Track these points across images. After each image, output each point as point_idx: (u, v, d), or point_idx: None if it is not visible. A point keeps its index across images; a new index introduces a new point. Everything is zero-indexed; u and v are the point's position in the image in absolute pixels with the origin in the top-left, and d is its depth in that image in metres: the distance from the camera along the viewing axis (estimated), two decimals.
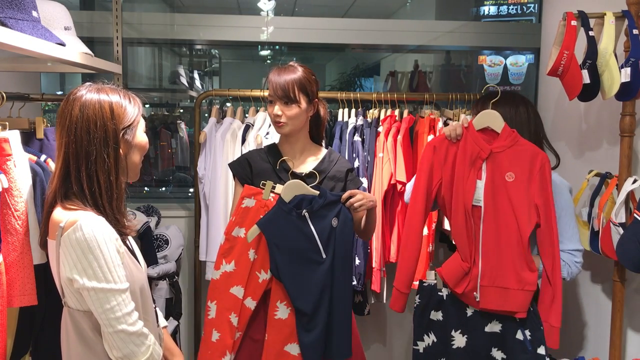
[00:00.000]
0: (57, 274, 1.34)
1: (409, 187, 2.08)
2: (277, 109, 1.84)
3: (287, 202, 1.77)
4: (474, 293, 1.85)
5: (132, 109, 1.41)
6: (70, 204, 1.33)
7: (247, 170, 1.91)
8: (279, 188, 1.83)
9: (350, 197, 1.79)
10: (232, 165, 1.97)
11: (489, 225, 1.84)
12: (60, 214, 1.32)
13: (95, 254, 1.27)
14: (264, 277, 1.83)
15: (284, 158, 1.89)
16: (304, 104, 1.85)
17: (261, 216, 1.82)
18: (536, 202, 1.81)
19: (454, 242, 1.95)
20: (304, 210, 1.77)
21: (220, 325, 1.84)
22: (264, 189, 1.84)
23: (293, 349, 1.80)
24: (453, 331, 1.92)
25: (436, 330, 1.95)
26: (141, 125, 1.45)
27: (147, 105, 3.83)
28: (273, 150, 1.95)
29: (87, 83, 1.42)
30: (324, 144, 2.04)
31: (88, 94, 1.36)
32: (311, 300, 1.77)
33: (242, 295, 1.83)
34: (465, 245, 1.86)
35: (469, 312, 1.90)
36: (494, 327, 1.89)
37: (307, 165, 1.92)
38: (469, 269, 1.86)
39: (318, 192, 1.79)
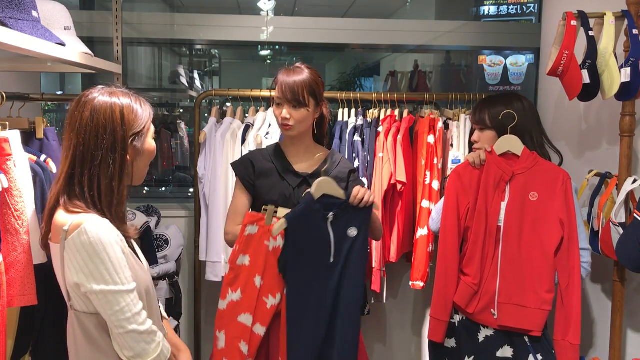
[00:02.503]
0: (62, 277, 1.33)
1: (434, 214, 2.10)
2: (285, 112, 1.82)
3: (316, 201, 1.76)
4: (492, 310, 1.89)
5: (143, 115, 1.39)
6: (73, 206, 1.32)
7: (249, 170, 1.90)
8: (281, 212, 1.82)
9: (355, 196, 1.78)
10: (234, 165, 1.96)
11: (509, 244, 1.89)
12: (63, 217, 1.31)
13: (102, 257, 1.26)
14: (272, 302, 1.82)
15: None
16: (312, 107, 1.85)
17: (266, 242, 1.81)
18: (560, 217, 1.86)
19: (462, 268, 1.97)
20: (331, 214, 1.77)
21: (230, 354, 1.83)
22: (265, 214, 1.83)
23: None
24: (466, 357, 1.94)
25: (450, 357, 1.99)
26: (151, 132, 1.44)
27: None
28: (277, 151, 1.94)
29: (100, 86, 1.40)
30: (326, 144, 2.05)
31: (100, 97, 1.35)
32: (311, 305, 1.77)
33: (250, 322, 1.82)
34: (477, 264, 1.90)
35: (481, 337, 1.93)
36: (505, 352, 1.91)
37: (310, 166, 1.92)
38: (478, 287, 1.90)
39: (344, 198, 1.78)
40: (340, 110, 2.60)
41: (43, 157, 1.74)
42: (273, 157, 1.92)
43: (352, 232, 1.79)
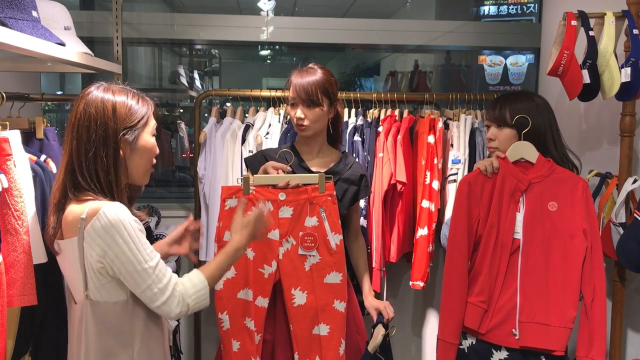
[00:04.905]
0: (79, 268, 1.35)
1: (444, 227, 2.03)
2: (299, 112, 1.84)
3: (373, 354, 1.82)
4: (513, 330, 1.75)
5: (139, 110, 1.40)
6: (84, 195, 1.35)
7: (262, 164, 1.91)
8: (256, 179, 1.82)
9: (381, 315, 1.94)
10: (248, 160, 1.99)
11: (530, 258, 1.76)
12: (77, 208, 1.33)
13: (124, 238, 1.30)
14: (269, 271, 1.83)
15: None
16: (326, 106, 1.87)
17: (248, 212, 1.81)
18: (584, 227, 1.74)
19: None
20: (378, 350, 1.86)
21: (237, 333, 1.83)
22: (242, 184, 1.83)
23: (322, 329, 1.82)
24: None
25: None
26: (149, 128, 1.44)
27: None
28: (291, 150, 1.96)
29: (100, 82, 1.43)
30: (340, 145, 2.08)
31: (95, 91, 1.38)
32: None
33: (251, 297, 1.83)
34: (484, 280, 1.77)
35: None
36: None
37: (323, 166, 1.95)
38: (488, 304, 1.78)
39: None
40: None
41: (43, 157, 1.74)
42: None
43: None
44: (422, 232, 2.42)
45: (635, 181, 2.00)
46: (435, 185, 2.42)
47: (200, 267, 1.47)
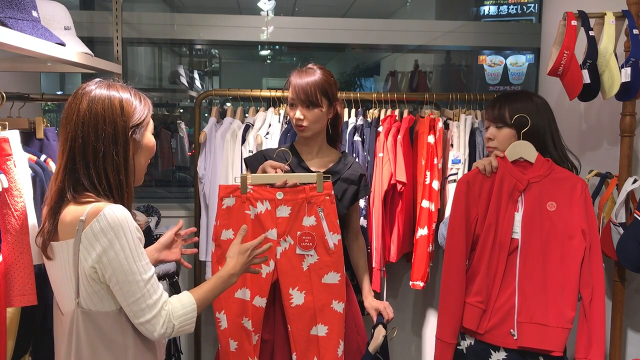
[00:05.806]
0: (72, 274, 1.29)
1: (442, 226, 2.03)
2: (298, 113, 1.84)
3: (372, 354, 1.83)
4: (511, 330, 1.75)
5: (142, 109, 1.37)
6: (83, 197, 1.29)
7: (262, 163, 1.91)
8: (254, 178, 1.82)
9: (381, 316, 1.96)
10: (248, 160, 1.99)
11: (528, 258, 1.75)
12: (75, 210, 1.28)
13: (122, 243, 1.25)
14: (266, 270, 1.82)
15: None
16: (325, 107, 1.87)
17: (246, 211, 1.80)
18: (582, 227, 1.73)
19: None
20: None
21: (235, 333, 1.83)
22: (239, 184, 1.82)
23: (320, 330, 1.81)
24: None
25: None
26: (150, 126, 1.42)
27: None
28: (291, 150, 1.97)
29: (97, 79, 1.38)
30: (340, 145, 2.08)
31: (98, 89, 1.33)
32: None
33: (249, 296, 1.82)
34: (482, 280, 1.77)
35: None
36: None
37: (323, 165, 1.94)
38: (486, 305, 1.78)
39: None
40: None
41: (43, 157, 1.74)
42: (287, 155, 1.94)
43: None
44: (422, 232, 2.42)
45: (635, 181, 2.00)
46: (435, 185, 2.42)
47: (191, 290, 1.42)
